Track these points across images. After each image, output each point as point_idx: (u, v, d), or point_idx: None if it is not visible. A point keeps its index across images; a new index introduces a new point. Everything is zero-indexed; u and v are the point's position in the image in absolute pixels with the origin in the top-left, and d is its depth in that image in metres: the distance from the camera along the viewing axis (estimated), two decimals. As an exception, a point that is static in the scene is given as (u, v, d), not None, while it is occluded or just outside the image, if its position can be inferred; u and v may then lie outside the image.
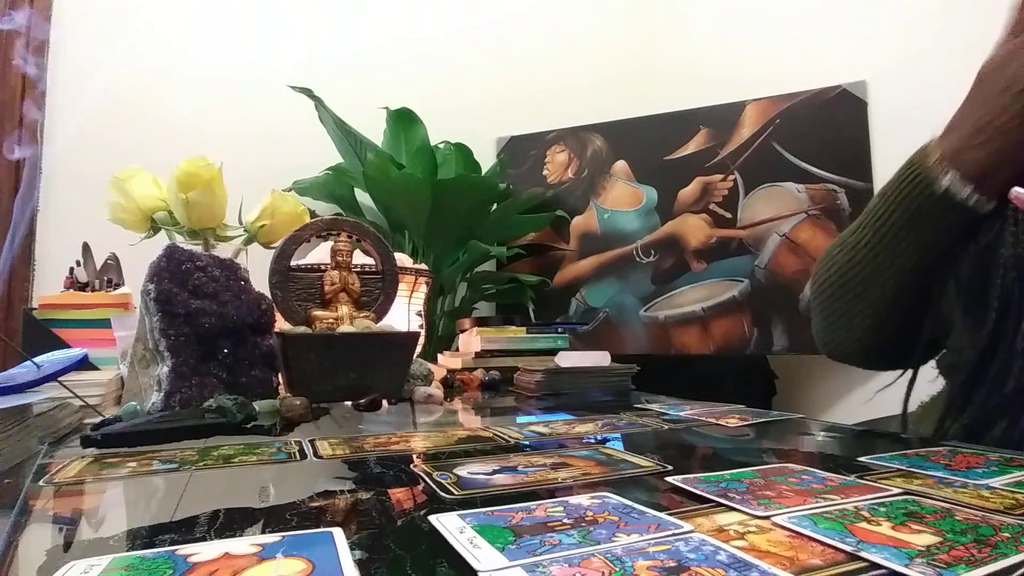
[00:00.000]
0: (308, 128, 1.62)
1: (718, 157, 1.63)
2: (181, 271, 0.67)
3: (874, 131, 1.48)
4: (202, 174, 0.93)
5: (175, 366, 0.64)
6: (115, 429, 0.51)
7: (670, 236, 1.67)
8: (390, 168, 1.48)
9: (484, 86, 1.97)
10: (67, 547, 0.30)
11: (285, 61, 1.75)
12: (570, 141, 1.82)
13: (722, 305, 1.58)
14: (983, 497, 0.34)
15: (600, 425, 0.60)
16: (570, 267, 1.78)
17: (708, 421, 0.62)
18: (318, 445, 0.50)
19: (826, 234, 1.50)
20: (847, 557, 0.26)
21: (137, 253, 0.90)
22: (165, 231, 1.00)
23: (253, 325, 0.71)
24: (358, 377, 0.72)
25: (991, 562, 0.25)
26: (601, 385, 0.90)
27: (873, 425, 0.66)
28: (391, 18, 1.91)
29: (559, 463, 0.43)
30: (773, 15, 1.80)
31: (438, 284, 1.61)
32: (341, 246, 0.80)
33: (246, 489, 0.40)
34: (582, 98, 2.00)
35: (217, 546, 0.27)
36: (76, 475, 0.42)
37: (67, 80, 1.57)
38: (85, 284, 0.93)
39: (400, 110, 1.68)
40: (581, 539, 0.28)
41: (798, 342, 1.50)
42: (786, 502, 0.33)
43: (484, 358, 1.09)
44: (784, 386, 1.64)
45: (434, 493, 0.36)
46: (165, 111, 1.62)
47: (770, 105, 1.59)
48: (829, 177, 1.51)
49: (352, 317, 0.78)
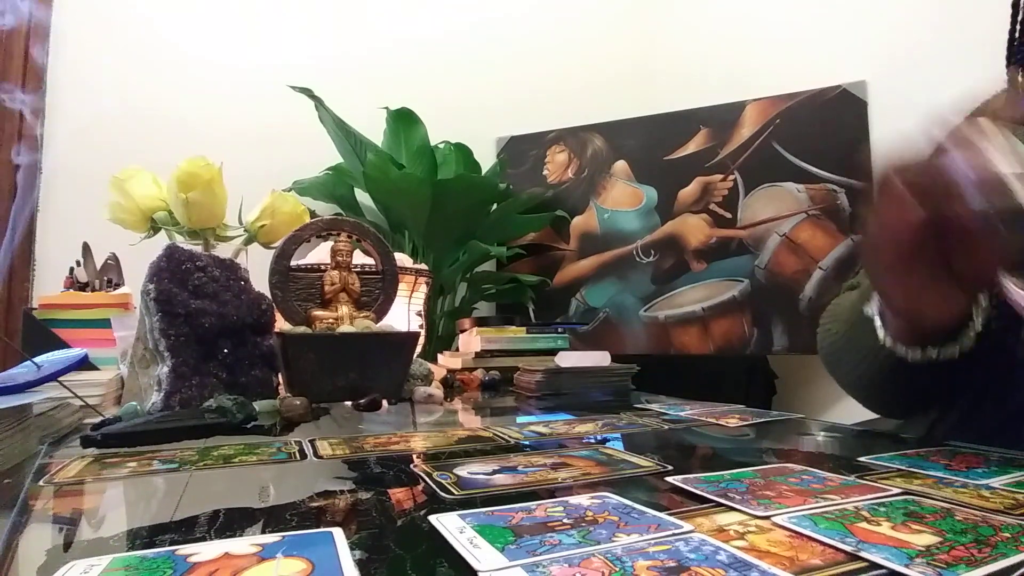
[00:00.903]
0: (308, 128, 1.61)
1: (718, 157, 1.63)
2: (181, 271, 0.67)
3: (874, 131, 1.47)
4: (202, 174, 0.93)
5: (175, 366, 0.64)
6: (115, 429, 0.51)
7: (670, 236, 1.67)
8: (390, 168, 1.48)
9: (484, 86, 1.96)
10: (67, 547, 0.30)
11: (285, 61, 1.75)
12: (570, 141, 1.82)
13: (722, 305, 1.58)
14: (983, 497, 0.34)
15: (600, 425, 0.60)
16: (570, 267, 1.78)
17: (708, 421, 0.62)
18: (318, 445, 0.50)
19: (826, 234, 1.50)
20: (847, 557, 0.26)
21: (137, 253, 0.90)
22: (165, 231, 1.00)
23: (253, 325, 0.71)
24: (358, 377, 0.72)
25: (991, 562, 0.25)
26: (601, 385, 0.90)
27: (873, 425, 0.66)
28: (391, 18, 1.91)
29: (559, 463, 0.43)
30: (773, 15, 1.80)
31: (438, 284, 1.61)
32: (341, 246, 0.80)
33: (246, 489, 0.40)
34: (582, 98, 2.00)
35: (217, 546, 0.27)
36: (76, 475, 0.42)
37: (67, 80, 1.56)
38: (85, 284, 0.93)
39: (400, 110, 1.68)
40: (581, 539, 0.28)
41: (798, 342, 1.50)
42: (786, 502, 0.33)
43: (484, 358, 1.09)
44: (784, 386, 1.64)
45: (434, 493, 0.36)
46: (165, 111, 1.62)
47: (770, 105, 1.59)
48: (829, 177, 1.51)
49: (352, 317, 0.78)
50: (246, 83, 1.72)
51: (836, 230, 1.49)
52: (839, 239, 1.48)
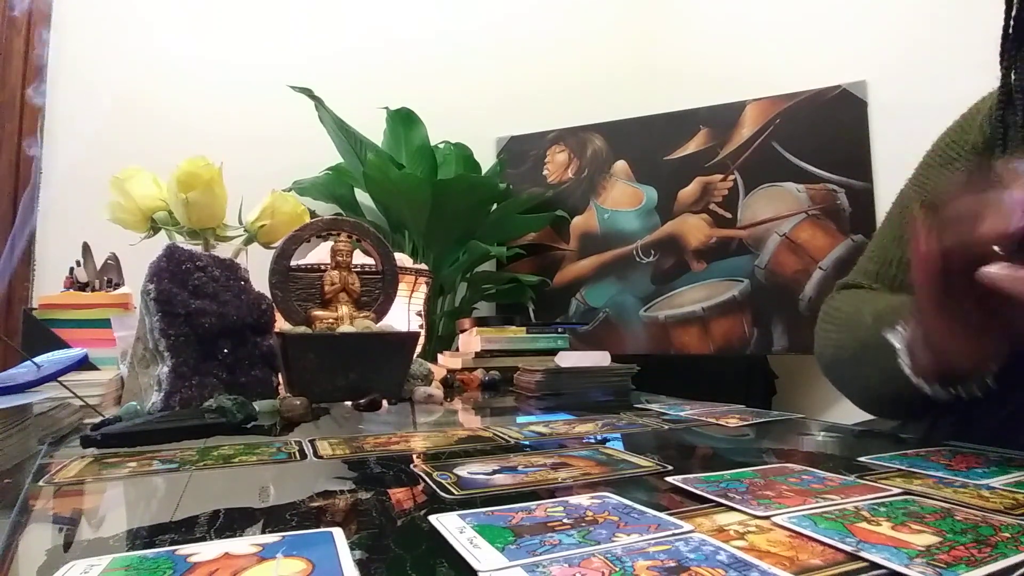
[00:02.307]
0: (308, 128, 1.61)
1: (718, 157, 1.63)
2: (181, 271, 0.67)
3: (874, 131, 1.47)
4: (202, 174, 0.93)
5: (175, 366, 0.64)
6: (115, 429, 0.51)
7: (670, 236, 1.67)
8: (390, 168, 1.48)
9: (484, 86, 1.96)
10: (67, 547, 0.30)
11: (285, 61, 1.75)
12: (570, 141, 1.82)
13: (722, 305, 1.58)
14: (983, 497, 0.34)
15: (600, 425, 0.60)
16: (570, 267, 1.78)
17: (708, 421, 0.62)
18: (318, 445, 0.50)
19: (826, 234, 1.50)
20: (847, 557, 0.26)
21: (137, 253, 0.90)
22: (165, 231, 1.00)
23: (253, 325, 0.71)
24: (358, 377, 0.72)
25: (991, 562, 0.25)
26: (601, 385, 0.90)
27: (873, 425, 0.66)
28: (391, 18, 1.91)
29: (559, 463, 0.43)
30: (773, 15, 1.80)
31: (438, 284, 1.61)
32: (341, 246, 0.80)
33: (246, 489, 0.40)
34: (582, 98, 2.00)
35: (217, 546, 0.27)
36: (76, 475, 0.42)
37: (67, 80, 1.56)
38: (85, 284, 0.93)
39: (400, 110, 1.68)
40: (581, 539, 0.28)
41: (798, 342, 1.50)
42: (786, 502, 0.33)
43: (484, 358, 1.09)
44: (784, 386, 1.64)
45: (434, 493, 0.36)
46: (165, 111, 1.62)
47: (770, 105, 1.59)
48: (829, 177, 1.51)
49: (352, 317, 0.78)
50: (246, 83, 1.72)
51: (836, 230, 1.49)
52: (839, 239, 1.48)
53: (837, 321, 0.63)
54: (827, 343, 0.64)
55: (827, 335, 0.64)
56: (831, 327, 0.64)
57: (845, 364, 0.61)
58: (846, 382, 0.62)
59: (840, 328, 0.62)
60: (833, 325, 0.64)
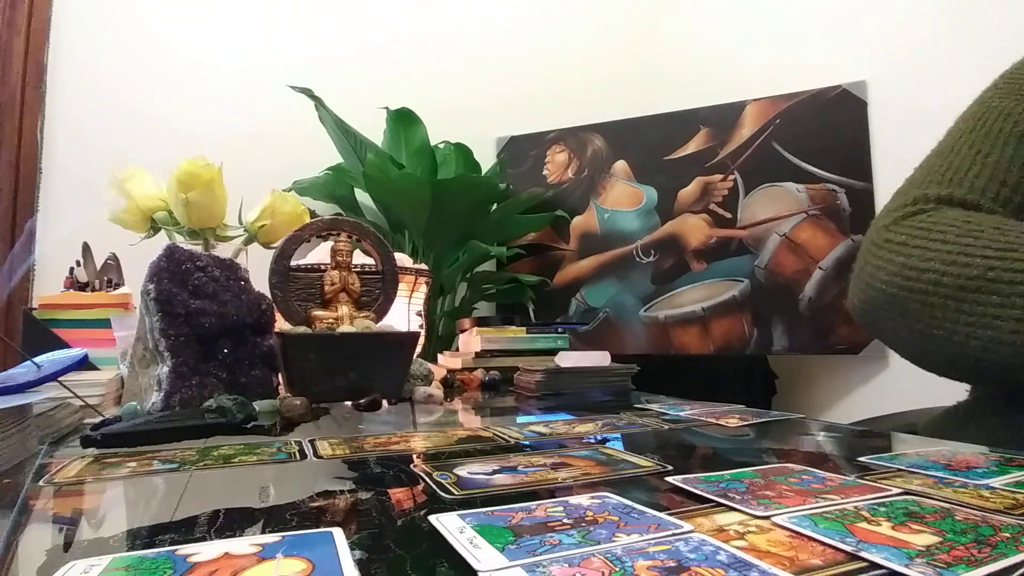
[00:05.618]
0: (308, 128, 1.61)
1: (718, 157, 1.63)
2: (181, 271, 0.67)
3: (874, 131, 1.48)
4: (202, 174, 0.93)
5: (175, 366, 0.64)
6: (115, 429, 0.51)
7: (670, 236, 1.67)
8: (390, 168, 1.48)
9: (484, 86, 1.96)
10: (67, 547, 0.30)
11: (285, 61, 1.75)
12: (570, 141, 1.82)
13: (722, 305, 1.58)
14: (983, 497, 0.34)
15: (600, 425, 0.60)
16: (570, 267, 1.78)
17: (708, 421, 0.62)
18: (318, 445, 0.50)
19: (826, 234, 1.50)
20: (847, 557, 0.26)
21: (137, 253, 0.90)
22: (165, 231, 1.00)
23: (253, 325, 0.71)
24: (358, 377, 0.72)
25: (991, 562, 0.25)
26: (601, 385, 0.90)
27: (873, 425, 0.66)
28: (391, 18, 1.91)
29: (559, 463, 0.43)
30: (773, 15, 1.80)
31: (438, 284, 1.61)
32: (341, 246, 0.80)
33: (246, 489, 0.40)
34: (582, 98, 2.00)
35: (217, 546, 0.27)
36: (76, 475, 0.42)
37: (67, 80, 1.56)
38: (85, 284, 0.93)
39: (400, 110, 1.68)
40: (581, 539, 0.28)
41: (798, 342, 1.50)
42: (786, 502, 0.33)
43: (484, 358, 1.09)
44: (784, 386, 1.64)
45: (434, 493, 0.36)
46: (165, 111, 1.62)
47: (770, 105, 1.59)
48: (829, 177, 1.51)
49: (352, 317, 0.78)
50: (246, 83, 1.72)
51: (836, 230, 1.49)
52: (839, 239, 1.48)
53: (949, 241, 0.51)
54: (910, 273, 0.52)
55: (921, 262, 0.52)
56: (932, 251, 0.51)
57: (935, 305, 0.49)
58: (924, 326, 0.50)
59: (954, 250, 0.50)
60: (940, 248, 0.51)
